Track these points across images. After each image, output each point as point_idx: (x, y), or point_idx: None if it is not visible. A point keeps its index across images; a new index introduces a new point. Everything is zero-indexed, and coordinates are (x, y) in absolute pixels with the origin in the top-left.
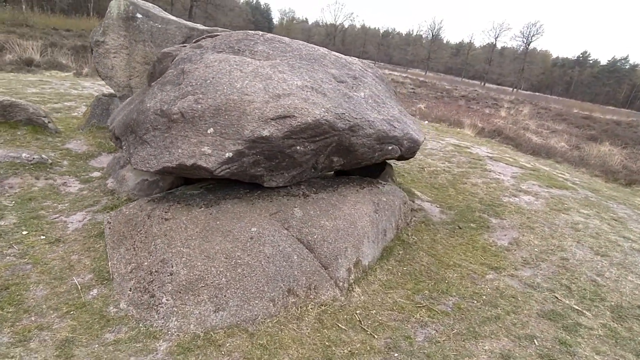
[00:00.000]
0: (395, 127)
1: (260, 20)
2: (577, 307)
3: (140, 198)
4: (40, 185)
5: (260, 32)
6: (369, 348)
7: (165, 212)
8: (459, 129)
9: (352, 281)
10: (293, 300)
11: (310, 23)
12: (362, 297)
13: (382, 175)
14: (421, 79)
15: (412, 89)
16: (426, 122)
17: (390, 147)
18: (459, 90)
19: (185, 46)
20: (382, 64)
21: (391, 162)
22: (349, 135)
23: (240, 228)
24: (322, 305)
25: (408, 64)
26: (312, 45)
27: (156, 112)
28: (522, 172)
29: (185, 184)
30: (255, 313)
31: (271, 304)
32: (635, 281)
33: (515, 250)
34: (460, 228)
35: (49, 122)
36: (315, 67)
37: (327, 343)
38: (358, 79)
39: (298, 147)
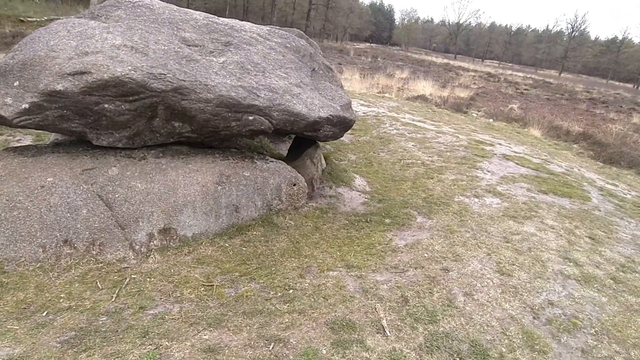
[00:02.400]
0: (258, 96)
1: (382, 21)
2: (384, 325)
3: None
4: None
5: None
6: (92, 307)
7: None
8: (524, 130)
9: (154, 247)
10: (69, 251)
11: (435, 22)
12: (155, 265)
13: (302, 157)
14: (550, 80)
15: (525, 89)
16: (491, 120)
17: (251, 118)
18: (592, 94)
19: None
20: (509, 64)
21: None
22: (177, 98)
23: (37, 176)
24: (101, 262)
25: (539, 64)
26: (188, 10)
27: None
28: (525, 173)
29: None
30: (20, 255)
31: (41, 250)
32: (493, 313)
33: (403, 252)
34: (367, 222)
35: None
36: (162, 30)
37: (62, 295)
38: (233, 45)
39: (106, 105)
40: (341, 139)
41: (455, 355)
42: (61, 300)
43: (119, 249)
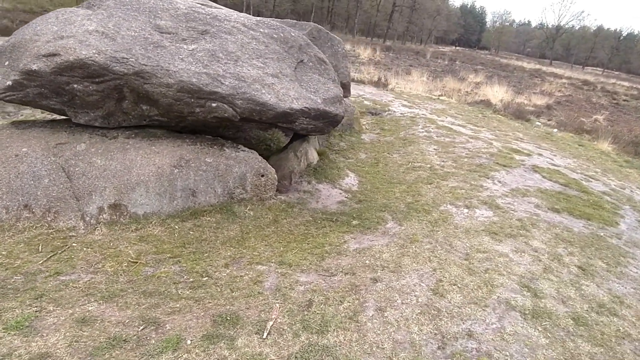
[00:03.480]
0: (222, 84)
1: (472, 23)
2: (267, 327)
3: None
4: None
5: None
6: (17, 267)
7: None
8: (592, 143)
9: (103, 221)
10: (27, 215)
11: (533, 26)
12: (99, 237)
13: (287, 149)
14: None
15: (625, 100)
16: (555, 130)
17: (215, 105)
18: None
19: None
20: (615, 72)
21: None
22: (139, 81)
23: (16, 146)
24: (53, 229)
25: None
26: (191, 3)
27: None
28: (547, 187)
29: None
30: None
31: (4, 211)
32: (393, 334)
33: (347, 256)
34: (332, 221)
35: None
36: (139, 18)
37: (3, 253)
38: (210, 33)
39: (76, 86)
40: (362, 138)
41: None
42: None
43: (71, 219)
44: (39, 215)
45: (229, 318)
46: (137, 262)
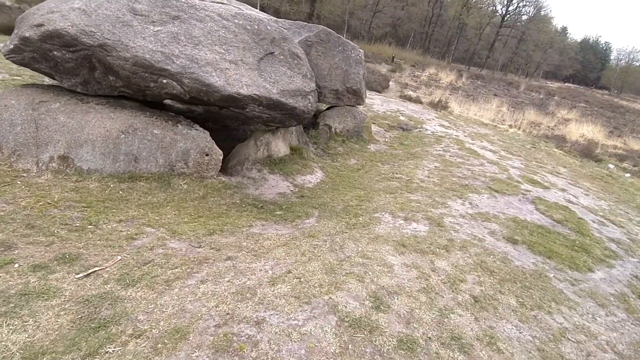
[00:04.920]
0: (173, 62)
1: (592, 60)
2: (95, 269)
3: None
4: None
5: None
6: None
7: None
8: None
9: (52, 168)
10: None
11: None
12: (42, 180)
13: (250, 138)
14: None
15: None
16: (628, 174)
17: (165, 81)
18: None
19: None
20: None
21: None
22: (103, 53)
23: (9, 99)
24: (12, 168)
25: None
26: None
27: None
28: (527, 219)
29: None
30: None
31: None
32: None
33: (235, 236)
34: (257, 207)
35: None
36: (121, 0)
37: None
38: (180, 19)
39: (56, 53)
40: (367, 147)
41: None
42: None
43: (28, 162)
44: (6, 155)
45: (68, 257)
46: (51, 204)
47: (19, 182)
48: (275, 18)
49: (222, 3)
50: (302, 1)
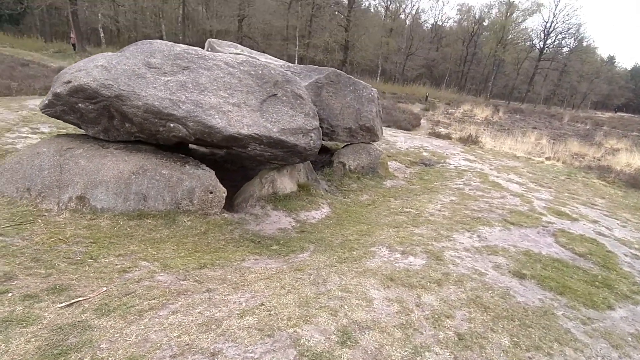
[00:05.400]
0: (180, 108)
1: None
2: (77, 299)
3: None
4: None
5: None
6: None
7: None
8: None
9: (70, 208)
10: (27, 195)
11: None
12: (60, 219)
13: (256, 176)
14: None
15: None
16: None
17: (172, 125)
18: None
19: None
20: None
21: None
22: (118, 103)
23: (42, 147)
24: (36, 208)
25: None
26: (175, 44)
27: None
28: (543, 253)
29: None
30: (5, 191)
31: (15, 190)
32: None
33: (223, 269)
34: (254, 242)
35: None
36: (138, 56)
37: None
38: (190, 69)
39: (80, 105)
40: (383, 183)
41: None
42: None
43: (51, 203)
44: (33, 196)
45: (59, 288)
46: (62, 240)
47: (39, 221)
48: (288, 64)
49: (237, 54)
50: (336, 50)
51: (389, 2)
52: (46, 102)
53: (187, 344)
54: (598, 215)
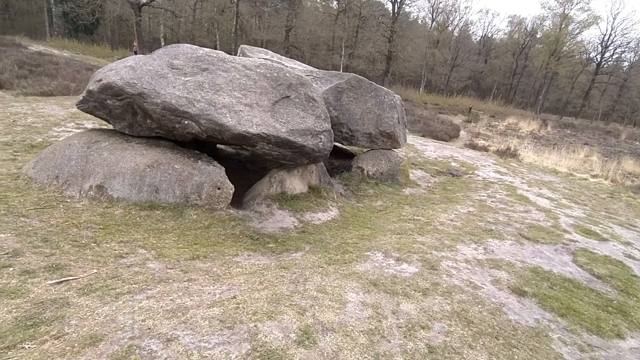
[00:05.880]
0: (194, 106)
1: None
2: (66, 278)
3: None
4: None
5: (202, 52)
6: (13, 207)
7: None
8: None
9: (89, 196)
10: (55, 183)
11: None
12: (79, 206)
13: (267, 175)
14: None
15: None
16: None
17: (186, 122)
18: None
19: None
20: None
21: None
22: (140, 100)
23: (74, 139)
24: (61, 194)
25: None
26: (200, 48)
27: None
28: (554, 272)
29: None
30: (39, 177)
31: (45, 177)
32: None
33: (213, 262)
34: (252, 239)
35: None
36: (163, 58)
37: (20, 200)
38: (209, 70)
39: (108, 101)
40: (402, 190)
41: None
42: (14, 199)
43: (74, 190)
44: (60, 183)
45: (55, 267)
46: (74, 225)
47: (61, 206)
48: (312, 69)
49: (266, 59)
50: (379, 60)
51: (436, 15)
52: (81, 98)
53: (149, 328)
54: (634, 237)
